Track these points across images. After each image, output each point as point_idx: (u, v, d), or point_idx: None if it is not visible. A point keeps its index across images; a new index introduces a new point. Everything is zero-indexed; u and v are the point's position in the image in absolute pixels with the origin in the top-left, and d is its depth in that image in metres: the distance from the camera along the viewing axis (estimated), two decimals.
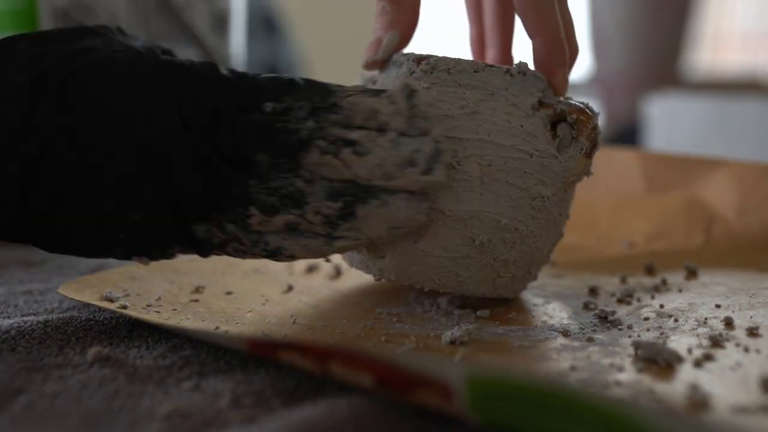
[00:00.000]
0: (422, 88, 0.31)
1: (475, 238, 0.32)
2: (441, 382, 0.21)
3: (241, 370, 0.27)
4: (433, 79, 0.32)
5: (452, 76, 0.32)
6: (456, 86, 0.32)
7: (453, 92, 0.32)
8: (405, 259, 0.32)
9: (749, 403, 0.23)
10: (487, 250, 0.32)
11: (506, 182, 0.32)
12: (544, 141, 0.32)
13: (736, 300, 0.34)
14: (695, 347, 0.28)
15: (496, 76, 0.32)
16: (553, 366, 0.27)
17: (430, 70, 0.32)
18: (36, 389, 0.26)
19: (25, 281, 0.40)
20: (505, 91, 0.32)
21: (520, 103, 0.32)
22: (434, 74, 0.32)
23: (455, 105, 0.32)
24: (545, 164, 0.32)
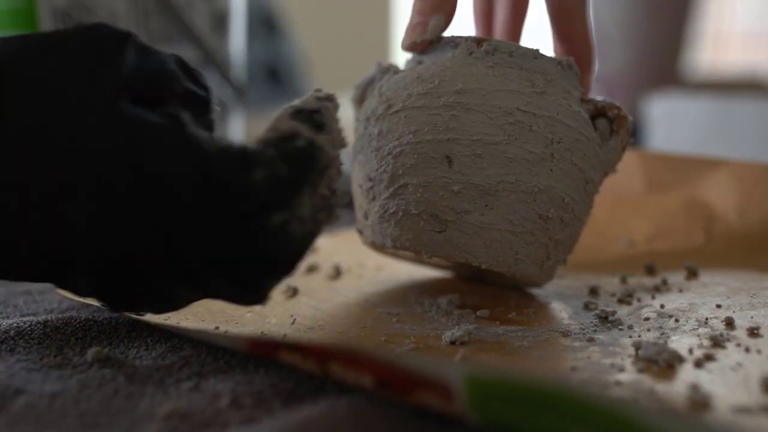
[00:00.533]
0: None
1: (542, 213, 0.32)
2: (441, 382, 0.21)
3: (241, 371, 0.27)
4: (496, 59, 0.33)
5: (514, 59, 0.33)
6: (518, 69, 0.33)
7: (517, 74, 0.33)
8: (468, 233, 0.32)
9: (750, 403, 0.23)
10: (549, 228, 0.33)
11: (570, 161, 0.33)
12: (591, 127, 0.34)
13: (737, 300, 0.34)
14: (696, 347, 0.28)
15: (551, 65, 0.34)
16: (553, 366, 0.27)
17: (492, 51, 0.33)
18: (35, 389, 0.26)
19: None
20: (560, 79, 0.34)
21: (572, 93, 0.34)
22: (496, 56, 0.33)
23: (524, 84, 0.33)
24: (596, 151, 0.34)
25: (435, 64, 0.34)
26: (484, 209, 0.32)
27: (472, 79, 0.33)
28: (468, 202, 0.32)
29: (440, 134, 0.32)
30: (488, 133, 0.32)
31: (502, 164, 0.32)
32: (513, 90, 0.32)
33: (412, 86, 0.33)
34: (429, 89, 0.33)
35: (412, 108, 0.33)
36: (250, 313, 0.33)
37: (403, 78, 0.34)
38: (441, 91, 0.32)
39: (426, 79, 0.33)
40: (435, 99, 0.32)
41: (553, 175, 0.32)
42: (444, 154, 0.32)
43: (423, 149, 0.32)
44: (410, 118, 0.33)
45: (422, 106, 0.32)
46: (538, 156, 0.32)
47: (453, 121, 0.32)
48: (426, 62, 0.34)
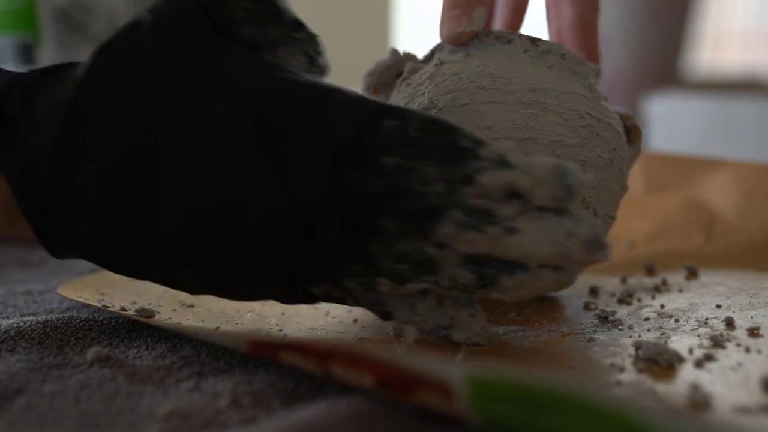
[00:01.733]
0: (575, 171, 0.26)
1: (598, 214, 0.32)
2: (442, 383, 0.21)
3: (241, 370, 0.27)
4: (552, 60, 0.32)
5: (566, 62, 0.33)
6: (571, 72, 0.32)
7: (573, 77, 0.32)
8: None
9: (750, 403, 0.23)
10: None
11: (620, 168, 0.33)
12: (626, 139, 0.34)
13: (737, 300, 0.34)
14: (696, 347, 0.28)
15: (591, 72, 0.33)
16: (553, 366, 0.27)
17: (547, 51, 0.33)
18: (35, 389, 0.26)
19: (25, 281, 0.39)
20: (597, 87, 0.34)
21: (607, 100, 0.34)
22: (550, 57, 0.32)
23: (583, 88, 0.32)
24: (626, 160, 0.34)
25: (493, 59, 0.32)
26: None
27: (543, 78, 0.32)
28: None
29: (518, 132, 0.31)
30: (565, 134, 0.31)
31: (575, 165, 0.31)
32: (578, 93, 0.32)
33: (478, 79, 0.31)
34: (500, 85, 0.31)
35: (483, 102, 0.31)
36: (251, 314, 0.33)
37: (461, 69, 0.32)
38: (513, 87, 0.31)
39: (492, 74, 0.31)
40: (508, 95, 0.31)
41: (610, 182, 0.32)
42: (523, 152, 0.30)
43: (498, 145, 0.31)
44: (481, 114, 0.31)
45: (494, 102, 0.31)
46: (604, 161, 0.32)
47: (532, 119, 0.31)
48: (477, 55, 0.33)
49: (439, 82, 0.32)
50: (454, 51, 0.33)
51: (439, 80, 0.32)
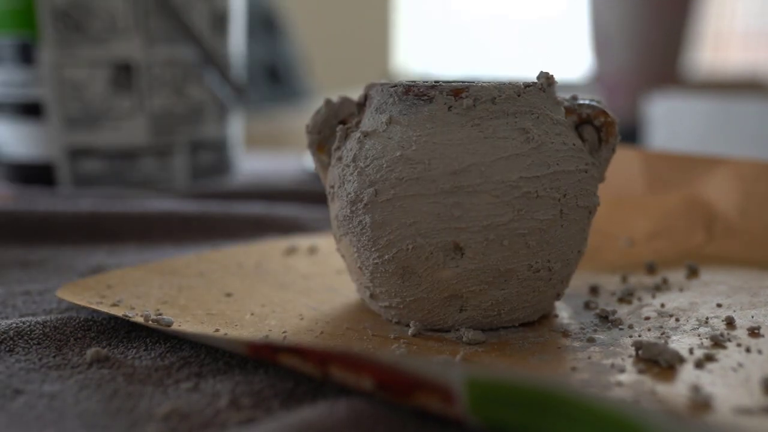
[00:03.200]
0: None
1: (552, 267, 0.31)
2: (442, 385, 0.21)
3: (240, 371, 0.27)
4: (480, 113, 0.30)
5: (498, 106, 0.30)
6: (506, 117, 0.30)
7: (507, 127, 0.30)
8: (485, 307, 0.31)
9: (751, 404, 0.23)
10: (554, 276, 0.31)
11: (576, 206, 0.31)
12: (585, 151, 0.32)
13: (738, 299, 0.34)
14: (696, 347, 0.28)
15: (534, 96, 0.31)
16: (553, 367, 0.27)
17: (473, 103, 0.30)
18: (34, 390, 0.26)
19: (24, 281, 0.39)
20: (546, 109, 0.31)
21: (560, 119, 0.31)
22: (479, 108, 0.30)
23: (518, 141, 0.30)
24: (594, 176, 0.32)
25: (412, 129, 0.30)
26: (501, 286, 0.30)
27: (465, 154, 0.29)
28: (486, 284, 0.30)
29: (445, 224, 0.29)
30: (497, 213, 0.29)
31: (514, 241, 0.29)
32: (511, 155, 0.29)
33: (398, 168, 0.29)
34: (420, 173, 0.29)
35: (405, 197, 0.29)
36: (250, 315, 0.33)
37: (382, 151, 0.30)
38: (434, 174, 0.29)
39: (413, 160, 0.29)
40: (429, 184, 0.29)
41: (564, 231, 0.30)
42: (453, 243, 0.29)
43: (429, 241, 0.29)
44: (405, 209, 0.29)
45: (416, 195, 0.29)
46: (549, 221, 0.30)
47: (456, 208, 0.29)
48: (399, 123, 0.30)
49: (362, 168, 0.30)
50: (379, 111, 0.31)
51: (362, 166, 0.30)
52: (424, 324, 0.31)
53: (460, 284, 0.30)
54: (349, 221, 0.31)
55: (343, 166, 0.32)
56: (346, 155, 0.32)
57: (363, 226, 0.31)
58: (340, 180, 0.32)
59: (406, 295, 0.31)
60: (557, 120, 0.31)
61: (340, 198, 0.32)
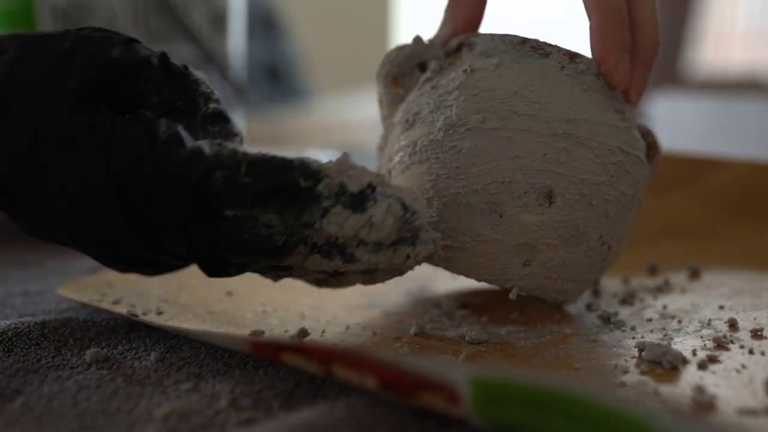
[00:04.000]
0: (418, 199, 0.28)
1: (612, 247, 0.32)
2: (446, 384, 0.21)
3: (240, 371, 0.27)
4: (588, 82, 0.31)
5: (600, 82, 0.31)
6: (605, 95, 0.31)
7: (607, 103, 0.31)
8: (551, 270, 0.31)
9: (756, 405, 0.23)
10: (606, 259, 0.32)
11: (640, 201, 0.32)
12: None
13: (740, 301, 0.34)
14: (699, 349, 0.28)
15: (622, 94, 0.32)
16: (556, 367, 0.27)
17: (585, 70, 0.31)
18: (33, 390, 0.26)
19: (23, 282, 0.39)
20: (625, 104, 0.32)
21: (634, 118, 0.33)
22: (587, 77, 0.31)
23: (617, 116, 0.31)
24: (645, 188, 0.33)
25: (529, 75, 0.30)
26: (571, 248, 0.30)
27: (578, 108, 0.30)
28: (560, 240, 0.30)
29: (548, 166, 0.29)
30: (594, 172, 0.30)
31: (599, 205, 0.30)
32: (612, 124, 0.30)
33: (513, 102, 0.29)
34: (535, 111, 0.29)
35: (516, 130, 0.29)
36: (252, 314, 0.33)
37: (495, 85, 0.30)
38: (548, 116, 0.29)
39: (527, 97, 0.30)
40: (542, 125, 0.29)
41: (631, 215, 0.32)
42: (549, 188, 0.29)
43: (527, 179, 0.29)
44: (512, 142, 0.29)
45: (528, 131, 0.29)
46: (628, 197, 0.31)
47: (564, 154, 0.29)
48: (512, 68, 0.30)
49: (470, 96, 0.30)
50: (485, 55, 0.31)
51: (469, 93, 0.30)
52: (479, 275, 0.31)
53: (538, 233, 0.29)
54: (438, 146, 0.30)
55: (443, 93, 0.31)
56: (447, 84, 0.31)
57: (457, 151, 0.29)
58: (434, 105, 0.31)
59: (479, 234, 0.30)
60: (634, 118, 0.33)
61: (427, 123, 0.31)
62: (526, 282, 0.31)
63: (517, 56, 0.31)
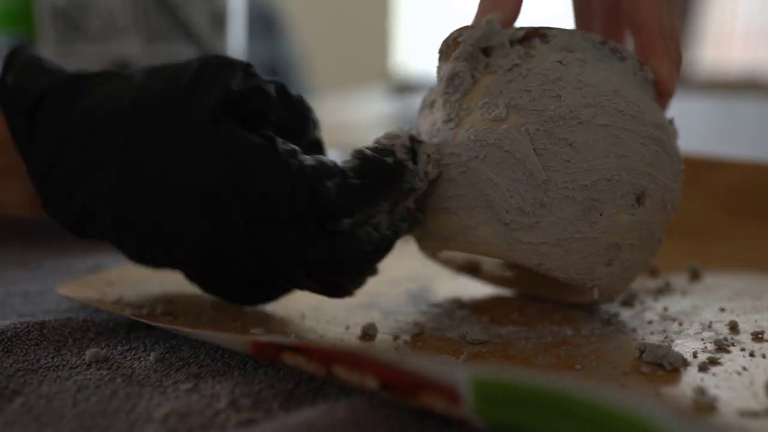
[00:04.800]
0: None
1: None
2: (447, 385, 0.21)
3: (240, 372, 0.27)
4: (649, 85, 0.31)
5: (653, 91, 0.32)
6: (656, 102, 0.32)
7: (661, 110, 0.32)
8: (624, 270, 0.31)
9: (757, 407, 0.23)
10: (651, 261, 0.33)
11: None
12: None
13: (741, 303, 0.34)
14: (700, 351, 0.28)
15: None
16: (557, 368, 0.27)
17: (650, 78, 0.31)
18: (32, 391, 0.25)
19: (22, 282, 0.39)
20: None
21: None
22: (649, 80, 0.31)
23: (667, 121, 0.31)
24: None
25: (615, 75, 0.30)
26: (644, 250, 0.31)
27: (658, 114, 0.31)
28: (639, 241, 0.30)
29: (647, 167, 0.29)
30: (671, 178, 0.30)
31: (669, 211, 0.31)
32: (673, 137, 0.31)
33: (616, 100, 0.29)
34: (635, 112, 0.29)
35: (622, 129, 0.29)
36: (252, 314, 0.33)
37: (595, 80, 0.29)
38: (645, 118, 0.30)
39: (628, 99, 0.29)
40: (641, 126, 0.29)
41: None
42: (642, 187, 0.29)
43: (629, 179, 0.29)
44: (620, 140, 0.29)
45: (631, 131, 0.29)
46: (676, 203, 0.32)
47: (656, 157, 0.30)
48: (597, 66, 0.30)
49: (575, 89, 0.29)
50: (567, 50, 0.30)
51: (574, 86, 0.29)
52: (567, 273, 0.30)
53: (627, 234, 0.29)
54: (546, 136, 0.29)
55: (542, 82, 0.29)
56: (544, 73, 0.29)
57: (568, 143, 0.29)
58: (536, 94, 0.29)
59: (578, 230, 0.29)
60: None
61: (529, 112, 0.29)
62: (605, 282, 0.31)
63: (599, 56, 0.30)
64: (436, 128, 0.32)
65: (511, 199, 0.29)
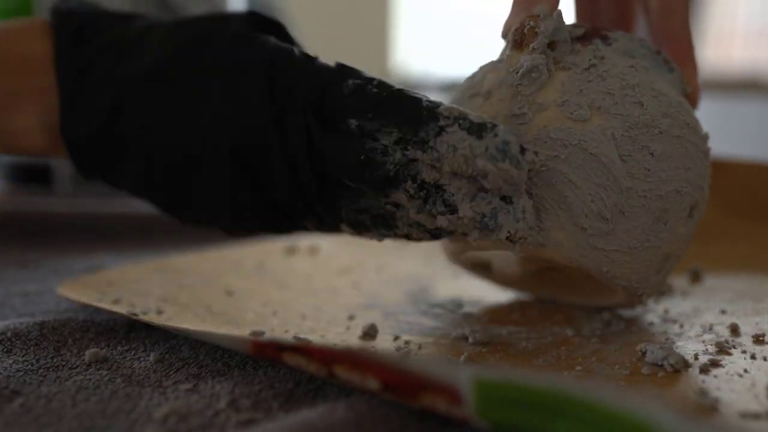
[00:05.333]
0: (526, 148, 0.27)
1: None
2: (448, 385, 0.21)
3: (239, 372, 0.27)
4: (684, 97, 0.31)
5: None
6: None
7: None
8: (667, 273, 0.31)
9: (759, 409, 0.23)
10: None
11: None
12: None
13: (742, 305, 0.34)
14: (701, 353, 0.28)
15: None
16: (558, 369, 0.27)
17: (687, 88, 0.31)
18: (32, 391, 0.25)
19: (22, 282, 0.39)
20: None
21: None
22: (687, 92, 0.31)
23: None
24: None
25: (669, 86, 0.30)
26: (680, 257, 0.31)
27: (701, 128, 0.31)
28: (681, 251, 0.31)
29: (701, 181, 0.30)
30: (707, 185, 0.31)
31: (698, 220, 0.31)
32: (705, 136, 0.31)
33: (682, 112, 0.29)
34: (695, 126, 0.30)
35: (689, 141, 0.29)
36: (252, 314, 0.33)
37: (663, 90, 0.29)
38: (700, 132, 0.30)
39: (687, 110, 0.30)
40: (699, 141, 0.30)
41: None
42: (695, 200, 0.30)
43: (692, 191, 0.29)
44: (688, 153, 0.29)
45: (695, 144, 0.30)
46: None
47: (705, 171, 0.30)
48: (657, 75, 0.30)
49: (653, 97, 0.29)
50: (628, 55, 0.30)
51: (652, 95, 0.29)
52: (629, 281, 0.29)
53: (678, 244, 0.30)
54: (630, 142, 0.28)
55: (623, 86, 0.29)
56: (623, 76, 0.29)
57: (650, 152, 0.28)
58: (618, 98, 0.29)
59: (647, 239, 0.29)
60: None
61: (613, 115, 0.28)
62: (652, 288, 0.31)
63: (655, 64, 0.30)
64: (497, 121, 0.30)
65: (592, 204, 0.28)
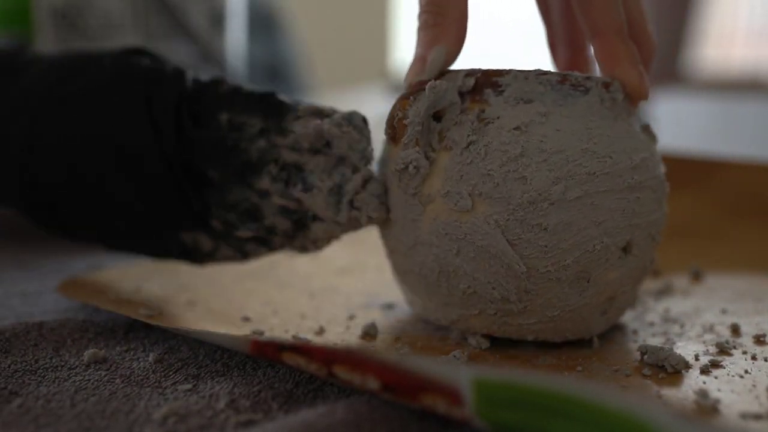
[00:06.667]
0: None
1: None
2: (448, 385, 0.21)
3: (239, 372, 0.27)
4: (619, 109, 0.29)
5: (623, 105, 0.29)
6: (630, 114, 0.29)
7: (635, 122, 0.29)
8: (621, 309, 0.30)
9: (760, 410, 0.22)
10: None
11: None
12: None
13: (743, 305, 0.34)
14: (702, 354, 0.28)
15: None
16: (558, 370, 0.27)
17: (615, 95, 0.28)
18: (31, 391, 0.25)
19: (21, 282, 0.39)
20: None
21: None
22: (619, 103, 0.29)
23: (648, 139, 0.30)
24: None
25: (581, 122, 0.27)
26: (638, 283, 0.30)
27: (633, 148, 0.28)
28: (634, 281, 0.29)
29: (626, 221, 0.28)
30: (653, 209, 0.29)
31: (658, 238, 0.30)
32: (651, 153, 0.29)
33: (586, 162, 0.27)
34: (609, 168, 0.27)
35: (596, 193, 0.27)
36: (252, 314, 0.33)
37: (560, 144, 0.27)
38: (619, 168, 0.27)
39: (596, 152, 0.27)
40: (617, 179, 0.27)
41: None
42: (626, 240, 0.28)
43: (613, 240, 0.27)
44: (595, 207, 0.27)
45: (607, 191, 0.27)
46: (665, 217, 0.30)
47: (636, 204, 0.28)
48: (561, 114, 0.27)
49: (540, 163, 0.27)
50: (523, 101, 0.28)
51: (539, 160, 0.27)
52: (563, 337, 0.29)
53: (619, 285, 0.29)
54: (518, 225, 0.27)
55: (504, 161, 0.27)
56: (504, 149, 0.27)
57: (542, 228, 0.27)
58: (499, 179, 0.27)
59: (567, 304, 0.28)
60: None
61: (497, 200, 0.27)
62: (603, 328, 0.30)
63: (560, 98, 0.28)
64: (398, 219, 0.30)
65: (494, 291, 0.28)
